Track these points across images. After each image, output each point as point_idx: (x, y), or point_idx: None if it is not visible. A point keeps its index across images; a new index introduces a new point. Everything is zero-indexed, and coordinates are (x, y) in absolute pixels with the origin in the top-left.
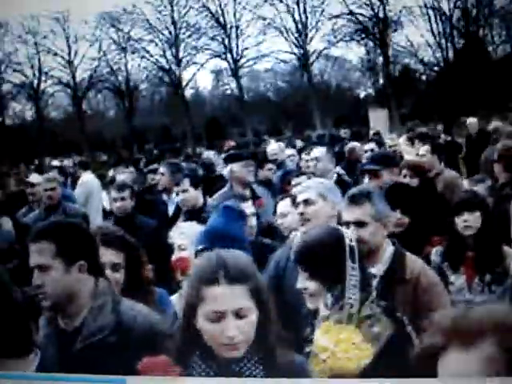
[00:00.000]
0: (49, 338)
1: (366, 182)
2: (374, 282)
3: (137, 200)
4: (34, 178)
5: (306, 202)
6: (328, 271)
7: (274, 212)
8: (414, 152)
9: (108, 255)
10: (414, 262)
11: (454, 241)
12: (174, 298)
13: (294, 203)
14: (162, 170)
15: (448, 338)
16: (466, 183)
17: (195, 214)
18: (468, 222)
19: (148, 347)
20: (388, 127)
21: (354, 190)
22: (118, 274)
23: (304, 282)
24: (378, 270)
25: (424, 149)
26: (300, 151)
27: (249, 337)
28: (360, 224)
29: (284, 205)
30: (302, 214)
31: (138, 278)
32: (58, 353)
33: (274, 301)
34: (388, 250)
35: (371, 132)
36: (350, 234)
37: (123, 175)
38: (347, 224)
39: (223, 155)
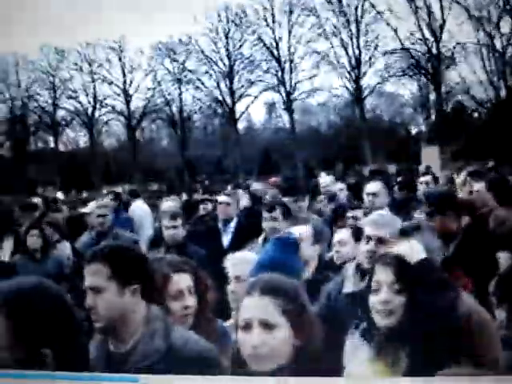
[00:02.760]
0: (99, 361)
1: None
2: None
3: (189, 229)
4: (89, 206)
5: (380, 240)
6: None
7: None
8: (467, 189)
9: (184, 280)
10: (466, 299)
11: (501, 275)
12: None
13: (356, 235)
14: (226, 199)
15: None
16: None
17: None
18: (500, 259)
19: (197, 374)
20: (440, 164)
21: (404, 225)
22: (192, 297)
23: (391, 296)
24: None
25: (479, 186)
26: (352, 186)
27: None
28: (380, 240)
29: (343, 234)
30: (373, 251)
31: (205, 302)
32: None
33: (322, 330)
34: None
35: (421, 167)
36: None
37: (169, 203)
38: (368, 239)
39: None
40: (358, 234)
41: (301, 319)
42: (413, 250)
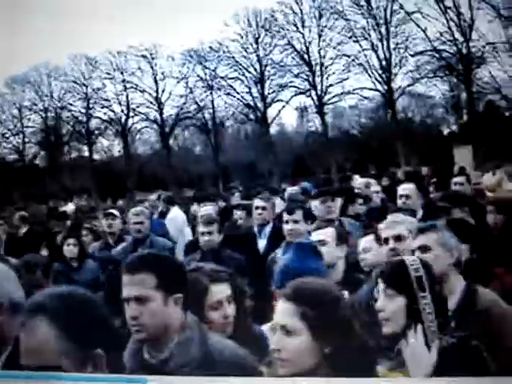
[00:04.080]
0: (133, 369)
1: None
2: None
3: (224, 234)
4: (114, 210)
5: (398, 237)
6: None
7: None
8: (503, 188)
9: (222, 290)
10: (485, 294)
11: None
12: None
13: (378, 239)
14: (262, 203)
15: None
16: None
17: None
18: None
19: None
20: (472, 164)
21: (421, 223)
22: (231, 306)
23: (383, 303)
24: (449, 303)
25: None
26: (387, 188)
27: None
28: (423, 249)
29: (367, 240)
30: (392, 249)
31: (243, 309)
32: None
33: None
34: (459, 284)
35: (456, 167)
36: (415, 265)
37: (205, 208)
38: (413, 253)
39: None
40: (380, 239)
41: (325, 325)
42: None
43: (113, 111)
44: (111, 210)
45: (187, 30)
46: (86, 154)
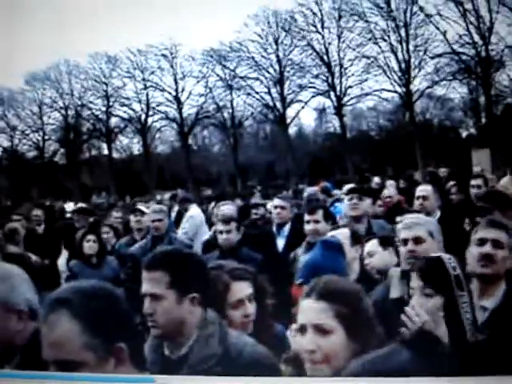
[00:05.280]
0: (154, 365)
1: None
2: (485, 315)
3: (243, 233)
4: (143, 207)
5: (416, 239)
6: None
7: None
8: None
9: (244, 289)
10: None
11: None
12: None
13: (382, 243)
14: (281, 203)
15: None
16: None
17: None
18: None
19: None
20: (490, 167)
21: (491, 218)
22: (252, 305)
23: (420, 301)
24: (490, 303)
25: None
26: (404, 190)
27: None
28: (496, 243)
29: (371, 245)
30: (412, 251)
31: (264, 308)
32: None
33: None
34: (502, 285)
35: (474, 169)
36: (452, 263)
37: (225, 207)
38: (483, 242)
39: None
40: (385, 243)
41: (357, 323)
42: None
43: (133, 110)
44: (139, 206)
45: (208, 29)
46: (106, 152)
